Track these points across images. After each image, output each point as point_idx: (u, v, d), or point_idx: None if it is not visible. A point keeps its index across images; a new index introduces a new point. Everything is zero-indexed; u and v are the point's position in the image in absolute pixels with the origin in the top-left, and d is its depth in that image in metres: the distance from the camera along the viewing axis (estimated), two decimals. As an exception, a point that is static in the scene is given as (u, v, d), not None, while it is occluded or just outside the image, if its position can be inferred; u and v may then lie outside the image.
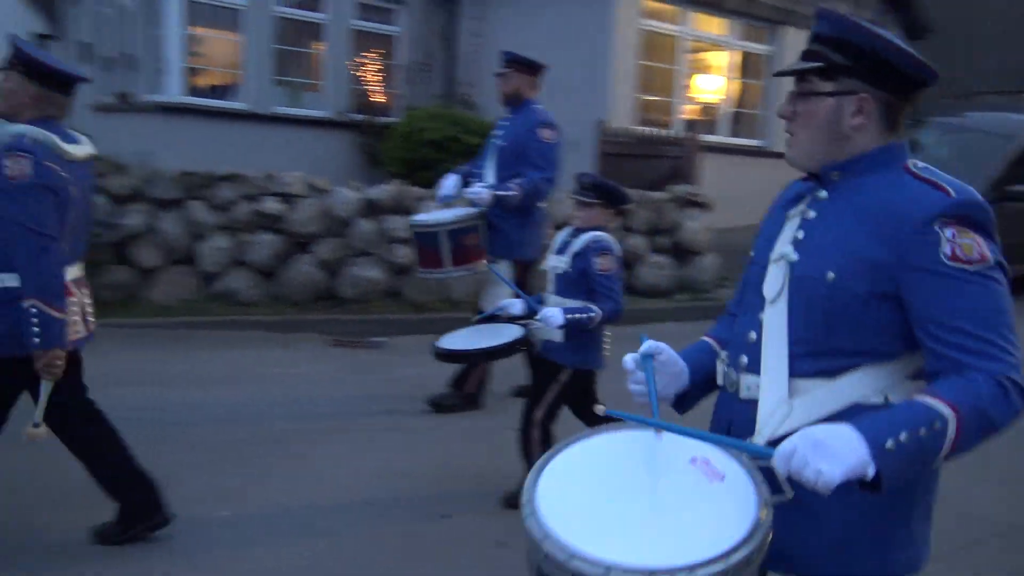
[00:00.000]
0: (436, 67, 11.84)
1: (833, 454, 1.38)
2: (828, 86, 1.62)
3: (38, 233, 2.96)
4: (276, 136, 11.11)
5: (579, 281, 3.75)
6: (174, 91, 10.67)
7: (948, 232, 1.50)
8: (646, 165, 10.38)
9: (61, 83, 3.17)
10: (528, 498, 1.44)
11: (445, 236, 4.78)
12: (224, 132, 10.81)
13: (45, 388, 3.11)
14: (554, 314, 3.60)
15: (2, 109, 3.17)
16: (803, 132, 1.67)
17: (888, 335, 1.58)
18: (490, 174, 5.18)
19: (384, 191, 8.04)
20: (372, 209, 7.93)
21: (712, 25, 12.53)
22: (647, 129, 10.99)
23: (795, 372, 1.62)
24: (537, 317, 3.71)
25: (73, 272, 3.23)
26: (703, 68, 13.00)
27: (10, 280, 3.02)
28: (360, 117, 11.61)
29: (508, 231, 5.05)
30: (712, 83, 12.95)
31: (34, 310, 2.96)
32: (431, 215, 5.26)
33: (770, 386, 1.63)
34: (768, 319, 1.66)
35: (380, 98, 12.29)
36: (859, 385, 1.59)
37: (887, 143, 1.64)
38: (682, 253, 9.13)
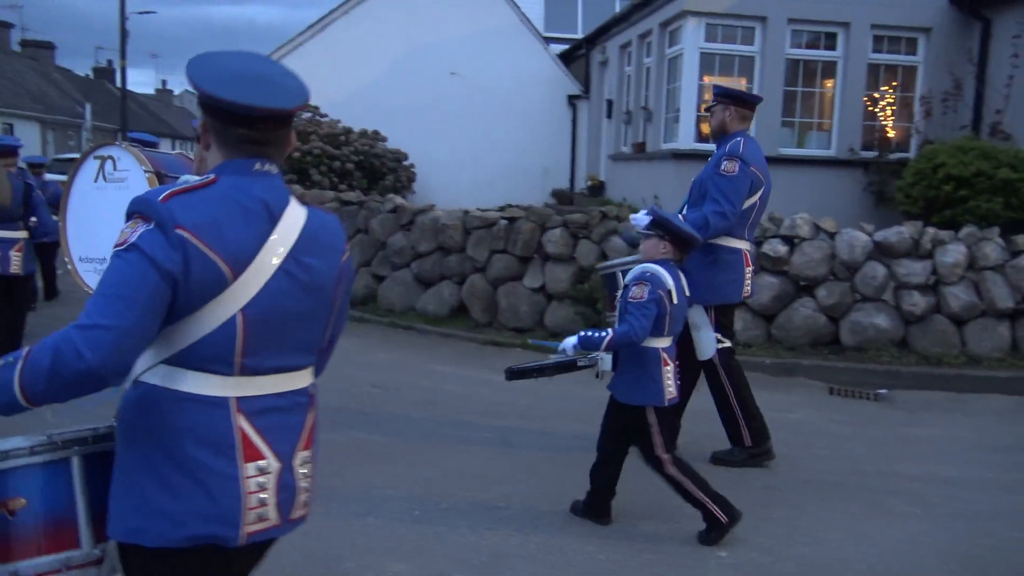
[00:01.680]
0: (962, 95, 10.69)
1: None
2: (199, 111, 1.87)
3: None
4: (779, 177, 11.01)
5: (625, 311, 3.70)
6: (686, 138, 11.31)
7: (127, 224, 1.73)
8: None
9: None
10: None
11: (621, 277, 4.58)
12: (728, 175, 11.12)
13: None
14: (569, 339, 3.76)
15: (201, 170, 4.13)
16: None
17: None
18: (688, 211, 4.82)
19: (897, 233, 7.48)
20: (882, 252, 7.44)
21: None
22: None
23: None
24: (559, 347, 3.82)
25: None
26: None
27: None
28: (870, 155, 11.03)
29: (694, 272, 4.40)
30: None
31: None
32: (621, 258, 5.11)
33: None
34: None
35: (892, 133, 11.52)
36: (140, 362, 1.73)
37: (220, 162, 1.84)
38: None
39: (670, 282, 3.65)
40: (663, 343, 3.71)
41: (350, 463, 4.74)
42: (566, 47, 17.88)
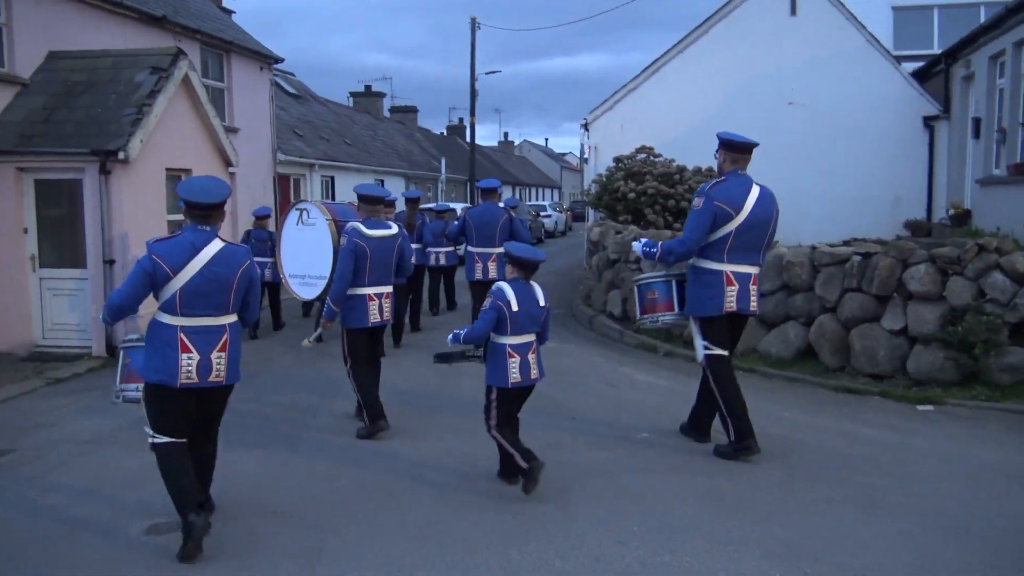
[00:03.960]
0: None
1: None
2: None
3: (339, 272, 5.95)
4: None
5: None
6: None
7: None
8: None
9: (371, 200, 6.08)
10: None
11: (636, 288, 6.02)
12: None
13: (323, 332, 6.27)
14: (453, 333, 4.90)
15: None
16: None
17: None
18: None
19: None
20: None
21: None
22: None
23: None
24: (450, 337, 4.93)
25: (375, 289, 6.06)
26: None
27: (357, 289, 6.11)
28: None
29: (688, 288, 5.66)
30: None
31: (326, 302, 6.06)
32: (653, 272, 6.10)
33: None
34: None
35: None
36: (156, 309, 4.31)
37: (187, 224, 4.29)
38: None
39: (510, 295, 4.77)
40: (509, 340, 4.79)
41: (700, 510, 4.55)
42: (920, 64, 16.30)
